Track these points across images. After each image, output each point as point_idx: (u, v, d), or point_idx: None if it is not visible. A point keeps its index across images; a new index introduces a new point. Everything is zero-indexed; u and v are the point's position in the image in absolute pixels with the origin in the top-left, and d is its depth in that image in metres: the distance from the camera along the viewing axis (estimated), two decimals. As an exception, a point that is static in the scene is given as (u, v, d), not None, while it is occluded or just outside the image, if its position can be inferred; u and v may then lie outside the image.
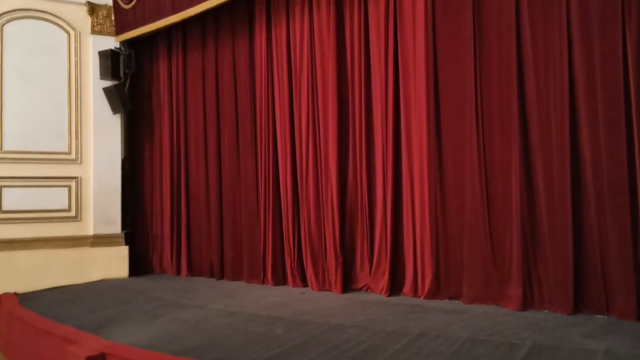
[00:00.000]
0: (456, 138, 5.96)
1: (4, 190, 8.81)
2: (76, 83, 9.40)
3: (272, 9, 7.71)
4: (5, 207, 8.78)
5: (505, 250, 5.60)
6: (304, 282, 7.31)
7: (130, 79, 9.63)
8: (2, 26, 8.94)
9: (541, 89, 5.35)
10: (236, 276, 8.23)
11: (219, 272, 8.47)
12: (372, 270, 6.66)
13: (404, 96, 6.32)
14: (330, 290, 6.93)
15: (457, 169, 5.96)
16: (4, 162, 8.80)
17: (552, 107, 5.27)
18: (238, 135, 8.32)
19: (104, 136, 9.51)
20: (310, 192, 7.21)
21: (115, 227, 9.49)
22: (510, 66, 5.49)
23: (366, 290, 6.75)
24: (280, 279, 7.60)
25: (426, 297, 6.08)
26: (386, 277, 6.43)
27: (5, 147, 8.84)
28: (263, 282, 7.73)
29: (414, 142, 6.23)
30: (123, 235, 9.50)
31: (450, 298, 6.02)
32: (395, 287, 6.45)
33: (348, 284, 6.90)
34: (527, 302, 5.42)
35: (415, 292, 6.24)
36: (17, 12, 9.05)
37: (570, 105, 5.14)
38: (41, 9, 9.19)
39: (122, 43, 9.54)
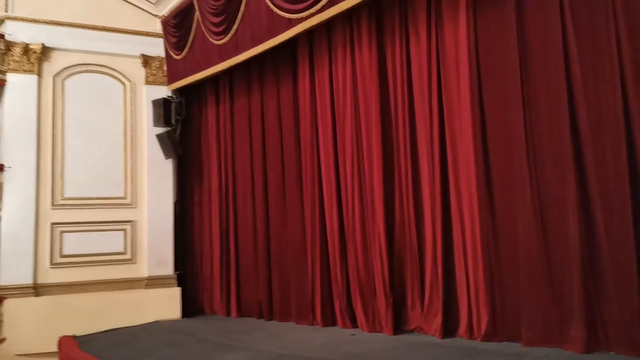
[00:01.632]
0: (506, 174, 5.81)
1: (64, 235, 9.21)
2: (131, 131, 9.87)
3: (315, 52, 7.90)
4: (65, 251, 9.16)
5: (565, 289, 5.32)
6: (354, 323, 7.19)
7: (181, 125, 10.05)
8: (64, 80, 9.56)
9: (594, 121, 5.16)
10: (285, 317, 8.19)
11: (268, 313, 8.46)
12: (424, 310, 6.48)
13: (449, 133, 6.25)
14: (382, 332, 6.77)
15: (508, 205, 5.78)
16: (65, 208, 9.25)
17: (606, 139, 5.06)
18: (284, 177, 8.45)
19: (156, 180, 9.88)
20: (357, 232, 7.16)
21: (168, 269, 9.72)
22: (560, 99, 5.33)
23: (419, 332, 6.55)
24: (329, 320, 7.50)
25: (483, 340, 5.82)
26: (439, 317, 6.23)
27: (66, 194, 9.29)
28: (312, 323, 7.65)
29: (462, 179, 6.11)
30: (175, 276, 9.71)
31: (509, 340, 5.74)
32: (449, 329, 6.22)
33: (399, 325, 6.73)
34: (592, 344, 5.08)
35: (471, 334, 5.99)
36: (77, 66, 9.67)
37: (626, 137, 4.93)
38: (99, 63, 9.79)
39: (174, 91, 10.01)
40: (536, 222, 5.49)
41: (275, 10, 7.30)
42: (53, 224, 9.12)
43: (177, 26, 9.55)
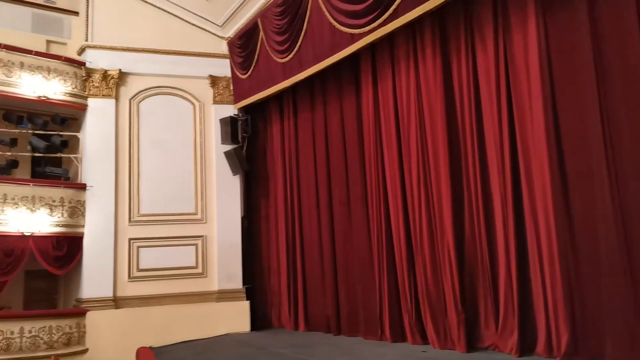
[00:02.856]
0: (584, 182, 5.50)
1: (141, 250, 9.67)
2: (201, 149, 10.27)
3: (378, 66, 7.90)
4: (142, 265, 9.60)
5: (654, 305, 4.95)
6: (425, 339, 7.02)
7: (247, 142, 10.35)
8: (139, 103, 10.11)
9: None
10: (353, 332, 8.13)
11: (336, 327, 8.44)
12: (499, 327, 6.22)
13: (521, 141, 6.02)
14: (454, 349, 6.56)
15: (587, 215, 5.47)
16: (141, 225, 9.71)
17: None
18: (348, 190, 8.45)
19: (225, 196, 10.20)
20: (425, 245, 7.02)
21: (237, 283, 9.96)
22: (641, 105, 5.02)
23: (493, 350, 6.29)
24: (398, 336, 7.37)
25: (563, 358, 5.51)
26: (515, 335, 5.96)
27: (142, 211, 9.76)
28: (381, 339, 7.54)
29: (536, 189, 5.85)
30: (244, 290, 9.93)
31: (592, 358, 5.39)
32: (526, 347, 5.93)
33: (473, 342, 6.49)
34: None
35: (550, 352, 5.68)
36: (151, 89, 10.20)
37: None
38: (171, 85, 10.28)
39: (240, 109, 10.34)
40: (618, 232, 5.15)
41: (338, 26, 7.39)
42: (130, 239, 9.60)
43: (242, 46, 9.87)
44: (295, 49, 8.34)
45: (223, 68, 10.43)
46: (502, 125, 6.21)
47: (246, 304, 9.79)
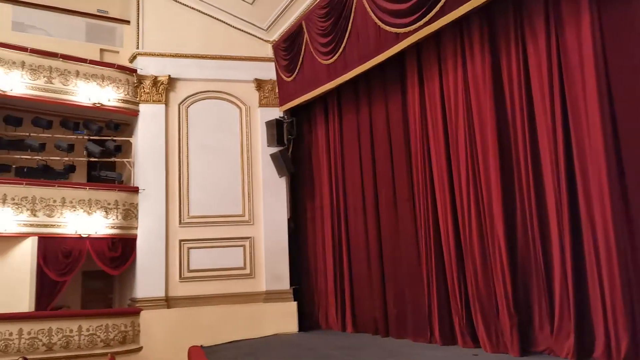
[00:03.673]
0: (644, 181, 5.28)
1: (191, 251, 9.91)
2: (247, 151, 10.44)
3: (424, 65, 7.81)
4: (192, 266, 9.84)
5: None
6: (476, 343, 6.88)
7: (293, 144, 10.44)
8: (187, 108, 10.37)
9: None
10: (401, 334, 8.06)
11: (384, 329, 8.39)
12: (554, 330, 6.03)
13: (576, 140, 5.82)
14: (506, 353, 6.40)
15: (648, 215, 5.24)
16: (190, 226, 9.95)
17: None
18: (395, 191, 8.39)
19: (271, 198, 10.33)
20: (475, 247, 6.88)
21: (284, 284, 10.06)
22: None
23: (548, 354, 6.10)
24: (448, 339, 7.25)
25: (624, 364, 5.29)
26: (571, 339, 5.76)
27: (192, 213, 10.01)
28: (430, 341, 7.44)
29: (592, 189, 5.63)
30: (291, 291, 10.02)
31: (655, 365, 5.16)
32: (583, 351, 5.72)
33: (526, 346, 6.32)
34: None
35: (609, 357, 5.46)
36: (198, 94, 10.44)
37: None
38: (218, 90, 10.50)
39: (285, 112, 10.44)
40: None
41: (383, 26, 7.36)
42: (181, 240, 9.85)
43: (287, 49, 9.97)
44: (340, 50, 8.36)
45: (268, 71, 10.56)
46: (555, 125, 6.02)
47: (294, 305, 9.88)
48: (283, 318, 9.76)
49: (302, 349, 7.91)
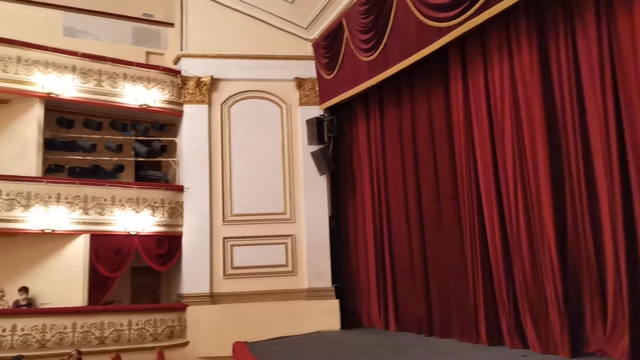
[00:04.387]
0: None
1: (234, 248, 10.06)
2: (288, 150, 10.51)
3: (468, 59, 7.66)
4: (235, 263, 10.00)
5: None
6: (524, 343, 6.71)
7: (333, 142, 10.44)
8: (229, 107, 10.53)
9: None
10: (446, 333, 7.94)
11: (428, 328, 8.29)
12: (607, 331, 5.81)
13: (629, 131, 5.58)
14: (556, 354, 6.22)
15: None
16: (233, 224, 10.11)
17: None
18: (438, 187, 8.27)
19: (312, 196, 10.36)
20: (523, 243, 6.70)
21: (326, 281, 10.08)
22: None
23: (601, 355, 5.89)
24: (495, 339, 7.09)
25: (684, 366, 5.05)
26: (626, 339, 5.54)
27: (234, 211, 10.16)
28: (476, 342, 7.29)
29: (648, 184, 5.41)
30: (333, 289, 10.03)
31: None
32: (638, 352, 5.49)
33: (578, 347, 6.12)
34: None
35: (667, 360, 5.24)
36: (240, 94, 10.59)
37: None
38: (259, 89, 10.61)
39: (325, 110, 10.45)
40: None
41: (425, 20, 7.25)
42: (225, 238, 10.02)
43: (327, 47, 9.98)
44: (381, 47, 8.29)
45: (308, 70, 10.60)
46: (607, 119, 5.80)
47: (336, 303, 9.90)
48: (325, 315, 9.79)
49: (345, 347, 7.91)
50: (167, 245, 9.78)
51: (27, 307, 8.71)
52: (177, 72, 10.33)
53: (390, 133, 9.35)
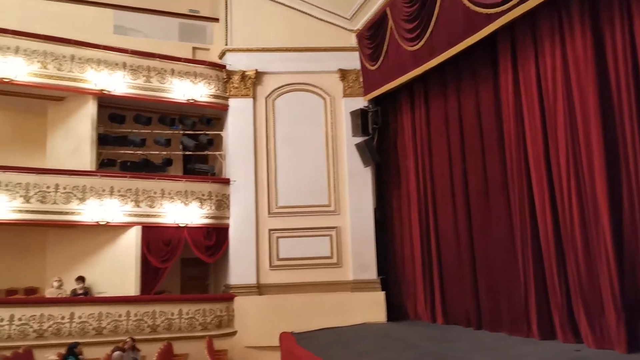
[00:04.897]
0: None
1: (280, 240, 10.18)
2: (332, 142, 10.52)
3: (518, 46, 7.42)
4: (281, 255, 10.12)
5: None
6: (577, 337, 6.51)
7: (378, 133, 10.37)
8: (274, 101, 10.62)
9: None
10: (495, 327, 7.79)
11: (476, 322, 8.15)
12: (667, 327, 5.57)
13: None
14: (612, 349, 6.00)
15: None
16: (279, 216, 10.22)
17: None
18: (486, 179, 8.09)
19: (357, 188, 10.35)
20: (577, 235, 6.47)
21: (371, 273, 10.07)
22: None
23: (660, 351, 5.66)
24: (547, 333, 6.91)
25: None
26: (687, 336, 5.30)
27: (280, 203, 10.27)
28: (527, 336, 7.12)
29: None
30: (379, 281, 10.01)
31: None
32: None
33: (635, 342, 5.88)
34: None
35: None
36: (284, 87, 10.66)
37: None
38: (302, 82, 10.65)
39: (369, 101, 10.39)
40: None
41: (472, 7, 7.07)
42: (270, 230, 10.15)
43: (371, 37, 9.89)
44: (426, 36, 8.16)
45: (352, 61, 10.54)
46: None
47: (381, 295, 9.88)
48: (370, 307, 9.79)
49: (392, 339, 7.90)
50: (215, 237, 10.00)
51: (84, 296, 9.10)
52: (222, 67, 10.49)
53: (436, 124, 9.21)
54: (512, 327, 7.41)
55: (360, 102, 10.41)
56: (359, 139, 10.24)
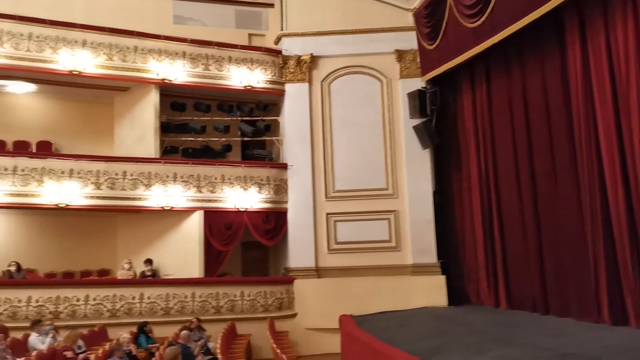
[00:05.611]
0: None
1: (337, 224, 10.22)
2: (389, 124, 10.38)
3: (587, 19, 7.02)
4: (339, 238, 10.17)
5: None
6: (653, 324, 6.18)
7: (436, 115, 10.11)
8: (329, 84, 10.59)
9: None
10: (563, 312, 7.50)
11: (543, 307, 7.88)
12: None
13: None
14: (692, 337, 5.66)
15: None
16: (336, 200, 10.25)
17: None
18: (553, 158, 7.75)
19: (415, 171, 10.19)
20: (652, 219, 6.12)
21: (431, 257, 9.94)
22: None
23: None
24: (619, 319, 6.58)
25: None
26: None
27: (337, 187, 10.29)
28: (597, 321, 6.82)
29: None
30: (439, 264, 9.88)
31: None
32: None
33: None
34: None
35: None
36: (340, 70, 10.59)
37: None
38: (358, 64, 10.54)
39: (427, 82, 10.15)
40: None
41: (538, -22, 6.73)
42: (328, 214, 10.21)
43: (428, 16, 9.63)
44: (488, 11, 7.85)
45: (409, 41, 10.32)
46: None
47: (442, 279, 9.75)
48: (431, 291, 9.68)
49: (454, 324, 7.78)
50: (274, 221, 10.17)
51: (152, 278, 9.51)
52: (278, 52, 10.55)
53: (499, 103, 8.89)
54: (581, 313, 7.12)
55: (418, 83, 10.20)
56: (417, 121, 10.06)
